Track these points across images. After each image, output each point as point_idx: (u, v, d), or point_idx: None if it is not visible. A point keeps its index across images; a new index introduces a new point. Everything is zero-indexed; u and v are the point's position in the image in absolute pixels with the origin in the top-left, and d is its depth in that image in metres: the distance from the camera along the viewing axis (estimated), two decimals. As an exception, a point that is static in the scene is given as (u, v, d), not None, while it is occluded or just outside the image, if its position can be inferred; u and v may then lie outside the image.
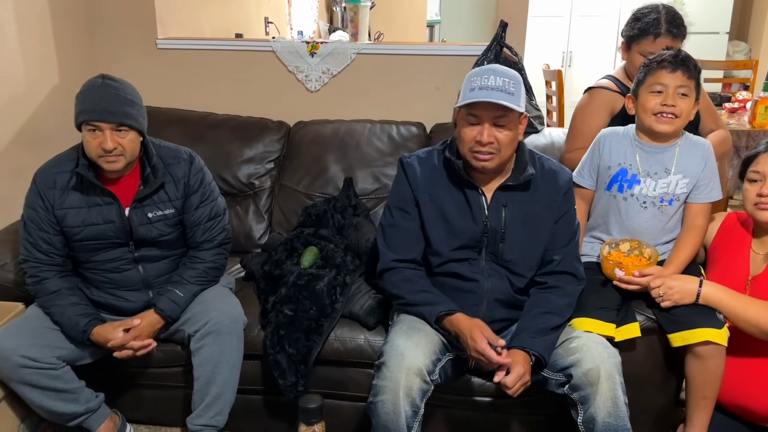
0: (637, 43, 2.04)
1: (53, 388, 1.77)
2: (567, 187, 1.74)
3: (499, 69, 1.62)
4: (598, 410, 1.53)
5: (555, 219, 1.72)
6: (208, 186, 1.95)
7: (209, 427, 1.85)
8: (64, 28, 2.60)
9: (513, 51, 2.51)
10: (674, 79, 1.75)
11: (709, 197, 1.84)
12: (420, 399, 1.54)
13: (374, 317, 1.91)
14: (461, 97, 1.62)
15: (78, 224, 1.81)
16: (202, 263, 1.93)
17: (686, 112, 1.77)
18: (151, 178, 1.84)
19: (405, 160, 1.78)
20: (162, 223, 1.87)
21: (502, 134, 1.60)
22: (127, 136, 1.75)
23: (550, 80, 4.14)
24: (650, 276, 1.71)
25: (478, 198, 1.70)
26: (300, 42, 2.76)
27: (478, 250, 1.71)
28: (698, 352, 1.66)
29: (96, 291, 1.90)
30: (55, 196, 1.81)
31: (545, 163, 1.76)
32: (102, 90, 1.71)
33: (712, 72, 4.80)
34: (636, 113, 1.84)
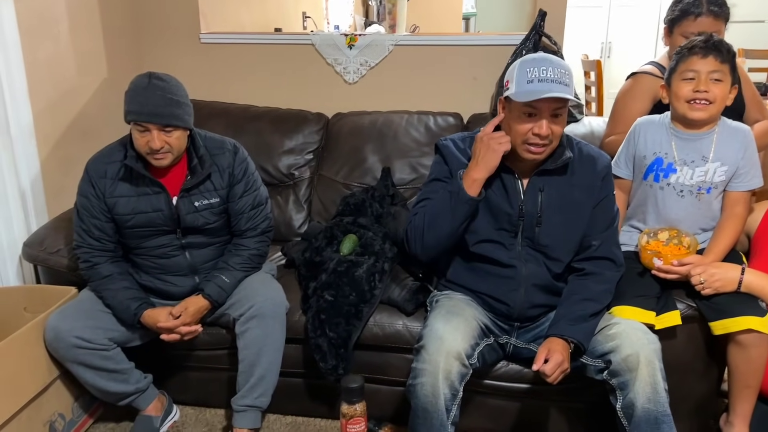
0: (679, 25, 2.02)
1: (105, 368, 1.85)
2: (605, 171, 1.74)
3: (554, 60, 1.60)
4: (638, 396, 1.53)
5: (593, 204, 1.72)
6: (251, 176, 2.00)
7: (253, 408, 1.91)
8: (112, 24, 2.70)
9: (552, 40, 2.51)
10: (706, 64, 1.73)
11: (750, 185, 1.81)
12: (459, 382, 1.57)
13: (413, 303, 1.94)
14: (516, 89, 1.59)
15: (128, 212, 1.88)
16: (247, 250, 1.98)
17: (721, 97, 1.74)
18: (198, 169, 1.90)
19: (441, 143, 1.80)
20: (208, 211, 1.93)
21: (557, 126, 1.61)
22: (173, 134, 1.81)
23: (589, 71, 4.09)
24: (690, 265, 1.70)
25: (515, 182, 1.71)
26: (338, 35, 2.80)
27: (514, 234, 1.72)
28: (740, 340, 1.65)
29: (145, 276, 1.98)
30: (107, 185, 1.88)
31: (583, 148, 1.76)
32: (149, 90, 1.76)
33: (757, 61, 4.67)
34: (670, 101, 1.82)
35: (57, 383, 1.93)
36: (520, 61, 1.63)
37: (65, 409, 1.97)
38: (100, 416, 2.12)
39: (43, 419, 1.87)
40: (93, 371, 1.85)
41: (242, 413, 1.91)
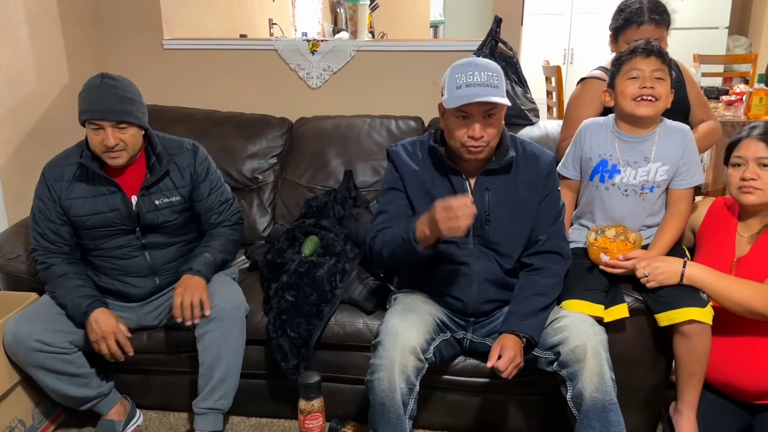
0: (623, 33, 2.10)
1: (66, 372, 1.85)
2: (549, 168, 1.80)
3: (480, 63, 1.65)
4: (586, 386, 1.58)
5: (538, 200, 1.78)
6: (215, 173, 2.06)
7: (214, 411, 1.92)
8: (74, 30, 2.70)
9: (508, 45, 2.57)
10: (649, 63, 1.81)
11: (690, 182, 1.89)
12: (415, 376, 1.61)
13: (372, 302, 1.98)
14: (447, 96, 1.65)
15: (85, 213, 1.90)
16: (223, 236, 2.04)
17: (664, 95, 1.82)
18: (157, 166, 1.93)
19: (391, 149, 1.85)
20: (168, 210, 1.96)
21: (491, 127, 1.66)
22: (128, 131, 1.83)
23: (549, 76, 4.19)
24: (635, 259, 1.77)
25: (463, 183, 1.76)
26: (301, 40, 2.84)
27: (465, 234, 1.77)
28: (684, 331, 1.72)
29: (104, 278, 1.99)
30: (63, 188, 1.90)
31: (527, 146, 1.82)
32: (101, 89, 1.79)
33: (712, 66, 4.84)
34: (615, 103, 1.89)
35: (17, 389, 1.92)
36: (450, 67, 1.68)
37: (25, 415, 1.96)
38: (63, 422, 2.12)
39: (2, 425, 1.86)
40: (54, 375, 1.85)
41: (203, 416, 1.92)
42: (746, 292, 1.69)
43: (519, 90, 2.54)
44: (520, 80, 2.56)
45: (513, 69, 2.56)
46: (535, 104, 2.61)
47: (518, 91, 2.53)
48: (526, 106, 2.52)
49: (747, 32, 5.66)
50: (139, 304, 2.02)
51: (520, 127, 2.49)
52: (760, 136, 1.77)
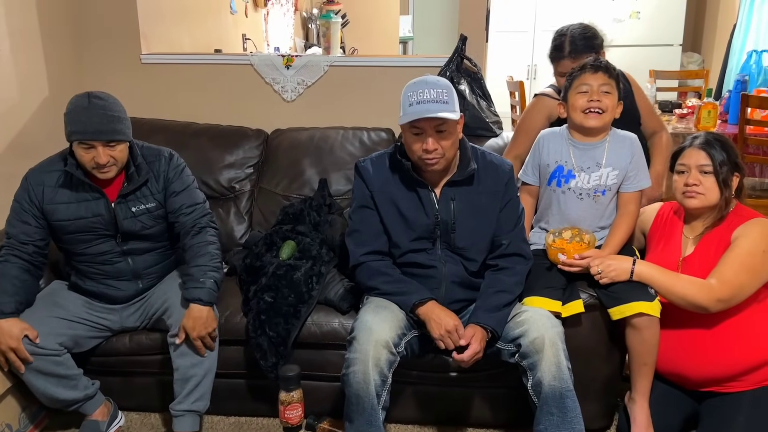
0: (552, 64, 2.31)
1: (56, 374, 1.91)
2: (508, 177, 1.94)
3: (431, 80, 1.79)
4: (544, 375, 1.71)
5: (500, 208, 1.92)
6: (187, 177, 2.11)
7: (191, 413, 1.98)
8: (53, 45, 2.77)
9: (473, 62, 2.73)
10: (597, 78, 1.97)
11: (638, 186, 2.06)
12: (387, 369, 1.72)
13: (347, 302, 2.09)
14: (402, 113, 1.79)
15: (68, 218, 1.97)
16: (207, 245, 2.04)
17: (611, 107, 1.99)
18: (135, 177, 2.01)
19: (360, 165, 1.96)
20: (145, 216, 2.04)
21: (445, 140, 1.79)
22: (117, 148, 1.92)
23: (513, 91, 4.38)
24: (589, 258, 1.91)
25: (429, 194, 1.89)
26: (276, 56, 2.95)
27: (433, 241, 1.90)
28: (635, 323, 1.87)
29: (90, 282, 2.06)
30: (46, 193, 1.97)
31: (487, 156, 1.96)
32: (90, 110, 1.86)
33: (667, 81, 5.09)
34: (567, 114, 2.06)
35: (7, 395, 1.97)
36: (406, 86, 1.81)
37: (12, 419, 2.01)
38: (47, 426, 2.17)
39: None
40: (44, 378, 1.91)
41: (180, 418, 1.98)
42: (689, 287, 1.84)
43: (483, 104, 2.70)
44: (484, 94, 2.72)
45: (478, 84, 2.72)
46: (499, 117, 2.76)
47: (482, 105, 2.69)
48: (490, 118, 2.68)
49: (700, 49, 5.96)
50: (122, 306, 2.09)
51: (485, 139, 2.63)
52: (700, 145, 1.93)
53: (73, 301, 2.05)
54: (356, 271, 1.94)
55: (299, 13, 5.66)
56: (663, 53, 5.56)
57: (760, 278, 1.84)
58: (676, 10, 5.54)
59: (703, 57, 5.84)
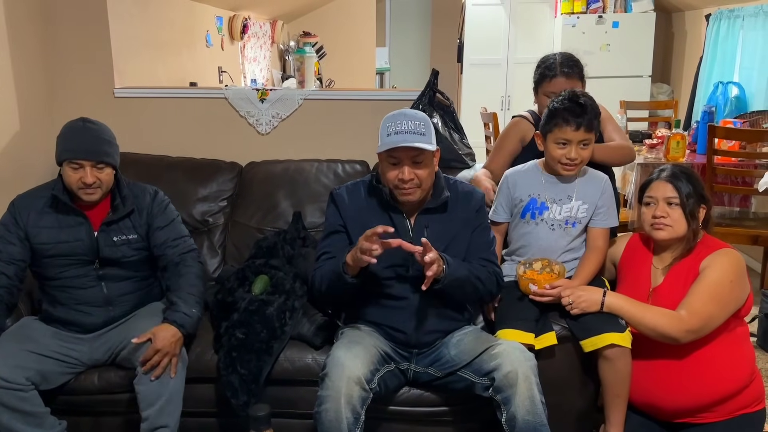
0: (541, 86, 2.34)
1: (21, 410, 1.86)
2: (479, 205, 1.99)
3: (409, 113, 1.85)
4: (518, 409, 1.71)
5: (470, 232, 1.96)
6: (171, 213, 2.19)
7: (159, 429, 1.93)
8: (25, 78, 2.75)
9: (445, 96, 2.77)
10: (577, 135, 2.00)
11: (607, 223, 2.10)
12: (360, 406, 1.70)
13: (320, 337, 2.07)
14: (380, 142, 1.83)
15: (49, 242, 2.03)
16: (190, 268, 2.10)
17: (587, 158, 2.05)
18: (120, 207, 2.09)
19: (335, 192, 1.99)
20: (126, 246, 2.09)
21: (421, 170, 1.82)
22: (104, 171, 2.01)
23: (487, 122, 4.44)
24: (560, 287, 1.93)
25: (403, 221, 1.91)
26: (250, 89, 2.97)
27: (406, 269, 1.90)
28: (607, 354, 1.88)
29: (60, 308, 2.06)
30: (31, 217, 2.04)
31: (459, 186, 2.00)
32: (83, 132, 2.00)
33: (637, 112, 5.21)
34: (544, 152, 2.09)
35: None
36: (385, 117, 1.86)
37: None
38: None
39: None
40: (9, 412, 1.85)
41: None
42: (659, 318, 1.85)
43: (456, 136, 2.73)
44: (456, 127, 2.76)
45: (450, 117, 2.75)
46: (471, 149, 2.80)
47: (455, 137, 2.72)
48: (462, 150, 2.71)
49: (669, 80, 6.12)
50: (92, 336, 2.06)
51: (458, 170, 2.65)
52: (667, 178, 1.97)
53: (42, 333, 2.03)
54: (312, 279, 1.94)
55: (276, 45, 5.72)
56: (633, 84, 5.70)
57: (728, 308, 1.87)
58: (645, 43, 5.70)
59: (672, 88, 6.00)
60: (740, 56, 4.69)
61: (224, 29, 4.51)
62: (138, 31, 3.16)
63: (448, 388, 1.95)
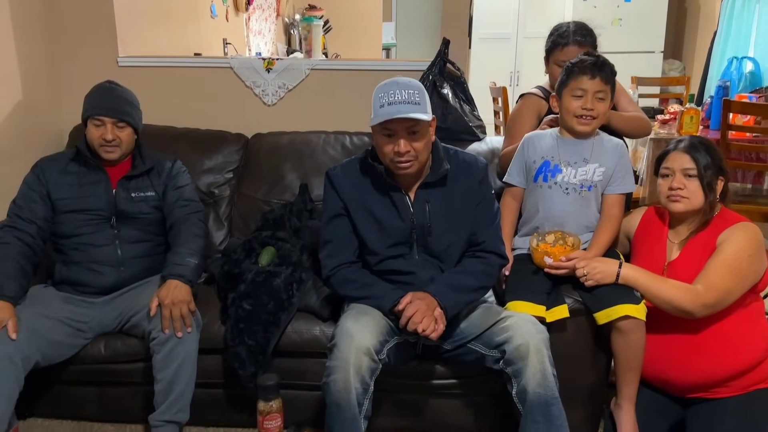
0: (552, 54, 2.29)
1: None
2: (482, 175, 1.92)
3: (402, 81, 1.76)
4: (529, 382, 1.68)
5: (474, 205, 1.90)
6: (187, 178, 2.30)
7: (172, 423, 1.93)
8: (27, 47, 2.70)
9: (455, 66, 2.70)
10: (593, 84, 1.95)
11: (623, 189, 2.04)
12: (369, 377, 1.67)
13: (328, 309, 2.04)
14: (373, 114, 1.76)
15: (69, 196, 2.10)
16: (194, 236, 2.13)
17: (603, 113, 1.99)
18: (141, 164, 2.19)
19: (331, 173, 1.93)
20: (143, 203, 2.16)
21: (417, 142, 1.76)
22: (125, 130, 2.11)
23: (496, 97, 4.37)
24: (575, 259, 1.89)
25: (403, 198, 1.86)
26: (256, 59, 2.91)
27: (410, 246, 1.86)
28: (620, 327, 1.84)
29: (74, 267, 2.08)
30: (53, 174, 2.12)
31: (460, 155, 1.93)
32: (108, 91, 2.13)
33: (648, 88, 5.12)
34: (559, 112, 2.04)
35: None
36: (376, 87, 1.79)
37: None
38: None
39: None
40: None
41: (160, 428, 1.92)
42: (674, 292, 1.82)
43: (467, 108, 2.67)
44: (467, 98, 2.69)
45: (461, 88, 2.69)
46: (482, 121, 2.74)
47: (466, 109, 2.66)
48: (473, 122, 2.65)
49: (681, 56, 6.02)
50: (102, 300, 2.05)
51: (468, 143, 2.61)
52: (685, 148, 1.92)
53: (52, 296, 2.05)
54: (329, 282, 1.92)
55: (281, 18, 5.63)
56: (644, 60, 5.60)
57: (745, 283, 1.82)
58: (658, 18, 5.60)
59: (684, 64, 5.89)
60: (756, 31, 4.59)
61: (229, 0, 4.43)
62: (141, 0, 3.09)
63: (458, 361, 1.93)
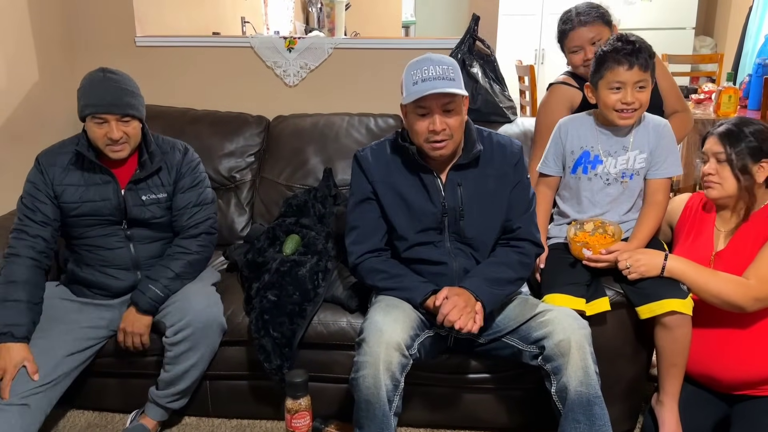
0: (564, 44, 2.16)
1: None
2: (517, 158, 1.82)
3: (435, 58, 1.67)
4: (570, 380, 1.59)
5: (509, 190, 1.80)
6: (199, 174, 2.05)
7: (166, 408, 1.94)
8: (43, 27, 2.63)
9: (485, 44, 2.59)
10: (632, 75, 1.81)
11: (667, 173, 1.91)
12: (400, 373, 1.60)
13: (356, 300, 1.96)
14: (405, 93, 1.67)
15: (75, 200, 1.91)
16: (188, 255, 1.96)
17: (645, 101, 1.85)
18: (148, 164, 1.95)
19: (359, 154, 1.84)
20: (155, 206, 1.97)
21: (452, 119, 1.67)
22: (130, 124, 1.87)
23: (523, 75, 4.23)
24: (617, 252, 1.79)
25: (434, 181, 1.77)
26: (278, 38, 2.81)
27: (441, 231, 1.78)
28: (665, 322, 1.74)
29: (87, 269, 1.97)
30: (56, 173, 1.91)
31: (494, 137, 1.83)
32: (105, 83, 1.83)
33: (679, 66, 4.94)
34: (597, 104, 1.91)
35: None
36: (407, 65, 1.69)
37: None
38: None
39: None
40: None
41: (153, 405, 1.94)
42: (725, 285, 1.72)
43: (497, 88, 2.56)
44: (497, 78, 2.58)
45: (491, 67, 2.57)
46: (513, 102, 2.62)
47: (496, 89, 2.55)
48: (504, 103, 2.54)
49: (712, 33, 5.80)
50: (120, 301, 1.98)
51: (498, 125, 2.50)
52: (718, 133, 1.82)
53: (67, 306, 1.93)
54: (355, 270, 1.84)
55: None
56: (675, 37, 5.41)
57: (800, 275, 1.72)
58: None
59: (715, 41, 5.68)
60: (795, 6, 4.39)
61: (247, -23, 4.32)
62: (159, -22, 3.00)
63: (492, 355, 1.84)
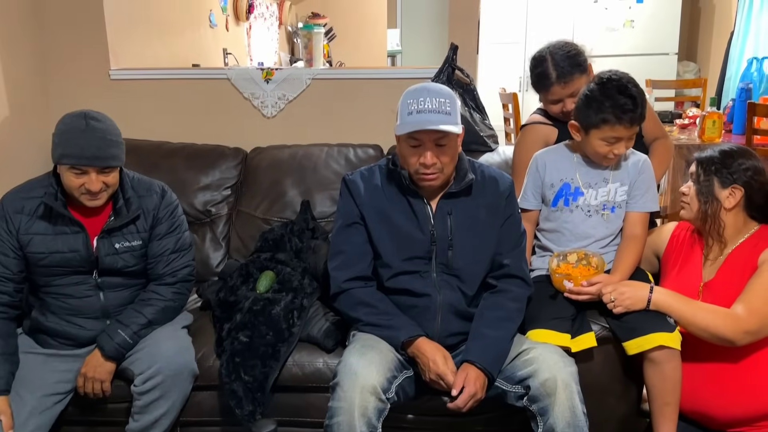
0: (540, 94, 2.09)
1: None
2: (509, 191, 1.77)
3: (433, 88, 1.63)
4: (557, 421, 1.52)
5: (500, 223, 1.75)
6: (177, 218, 1.94)
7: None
8: (15, 59, 2.57)
9: (465, 72, 2.55)
10: (630, 132, 1.78)
11: (645, 207, 1.88)
12: (376, 418, 1.52)
13: (332, 339, 1.88)
14: (400, 121, 1.63)
15: (43, 251, 1.80)
16: (162, 300, 1.88)
17: (631, 145, 1.85)
18: (124, 211, 1.84)
19: (348, 178, 1.79)
20: (129, 254, 1.86)
21: (444, 155, 1.63)
22: (110, 174, 1.76)
23: (506, 103, 4.21)
24: (599, 284, 1.73)
25: (424, 208, 1.72)
26: (255, 69, 2.77)
27: (428, 261, 1.71)
28: (654, 357, 1.67)
29: (52, 317, 1.86)
30: (22, 221, 1.80)
31: (485, 170, 1.80)
32: (88, 134, 1.70)
33: (663, 91, 4.96)
34: (582, 143, 1.86)
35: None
36: (404, 93, 1.65)
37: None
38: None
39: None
40: None
41: None
42: (713, 318, 1.65)
43: (477, 116, 2.51)
44: (477, 107, 2.54)
45: (470, 96, 2.54)
46: (494, 130, 2.58)
47: (476, 118, 2.50)
48: (484, 132, 2.49)
49: (695, 58, 5.84)
50: (86, 350, 1.86)
51: (479, 154, 2.45)
52: (698, 156, 1.82)
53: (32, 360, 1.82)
54: (338, 298, 1.76)
55: (284, 26, 5.51)
56: (658, 62, 5.44)
57: (791, 306, 1.65)
58: (671, 19, 5.44)
59: (699, 66, 5.72)
60: (776, 30, 4.42)
61: (229, 8, 4.32)
62: (135, 8, 2.96)
63: (475, 397, 1.76)
